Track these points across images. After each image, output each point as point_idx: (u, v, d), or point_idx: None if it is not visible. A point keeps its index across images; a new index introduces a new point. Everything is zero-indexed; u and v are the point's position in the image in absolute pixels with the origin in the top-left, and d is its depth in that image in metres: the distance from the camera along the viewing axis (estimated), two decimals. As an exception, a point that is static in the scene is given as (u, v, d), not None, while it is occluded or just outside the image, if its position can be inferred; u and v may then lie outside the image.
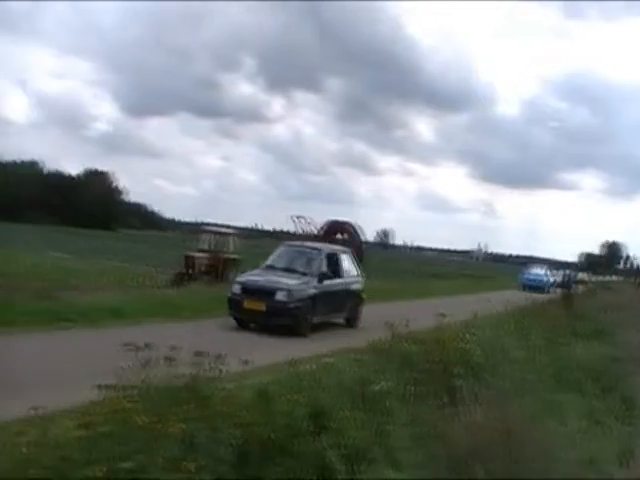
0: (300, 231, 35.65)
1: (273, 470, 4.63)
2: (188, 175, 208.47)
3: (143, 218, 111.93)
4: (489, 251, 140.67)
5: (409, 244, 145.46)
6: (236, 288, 15.46)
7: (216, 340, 10.32)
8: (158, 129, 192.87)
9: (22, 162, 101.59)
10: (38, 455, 4.02)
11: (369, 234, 40.58)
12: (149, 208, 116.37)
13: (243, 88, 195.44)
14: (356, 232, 35.71)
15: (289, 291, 14.88)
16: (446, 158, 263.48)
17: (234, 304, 15.17)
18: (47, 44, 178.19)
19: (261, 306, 14.71)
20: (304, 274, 15.89)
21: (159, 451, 4.09)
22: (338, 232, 35.73)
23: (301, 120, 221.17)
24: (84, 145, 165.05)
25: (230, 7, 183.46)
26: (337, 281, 16.78)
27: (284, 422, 5.03)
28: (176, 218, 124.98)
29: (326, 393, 5.85)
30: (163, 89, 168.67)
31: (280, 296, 14.79)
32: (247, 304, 14.85)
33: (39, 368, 9.13)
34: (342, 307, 16.97)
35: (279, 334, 14.25)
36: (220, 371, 5.51)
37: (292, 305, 14.70)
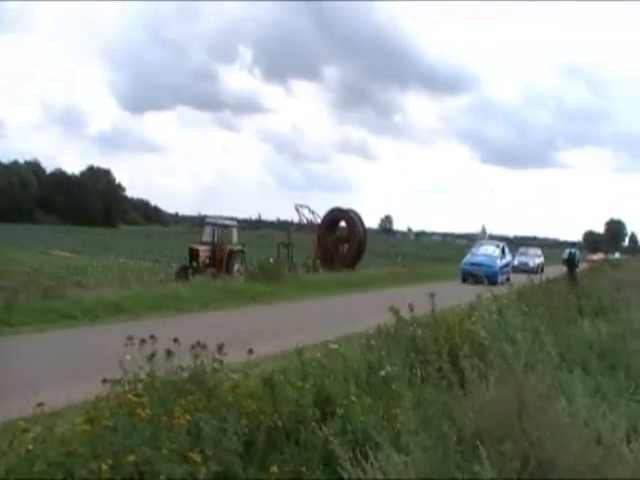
0: (304, 220, 35.58)
1: (279, 458, 4.64)
2: (189, 168, 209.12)
3: (145, 213, 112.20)
4: (492, 233, 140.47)
5: (412, 229, 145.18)
6: None
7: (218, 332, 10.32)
8: (157, 124, 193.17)
9: (25, 162, 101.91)
10: (44, 451, 4.02)
11: (372, 221, 40.37)
12: (151, 203, 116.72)
13: (240, 79, 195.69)
14: (359, 219, 35.65)
15: None
16: (445, 141, 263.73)
17: None
18: (44, 43, 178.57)
19: None
20: None
21: (165, 443, 4.08)
22: (341, 220, 35.68)
23: (299, 109, 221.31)
24: (84, 143, 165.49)
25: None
26: None
27: (290, 410, 5.03)
28: (179, 212, 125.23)
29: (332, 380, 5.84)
30: (160, 83, 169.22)
31: None
32: None
33: (44, 365, 9.16)
34: None
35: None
36: (221, 362, 5.48)
37: None
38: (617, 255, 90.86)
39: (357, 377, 6.27)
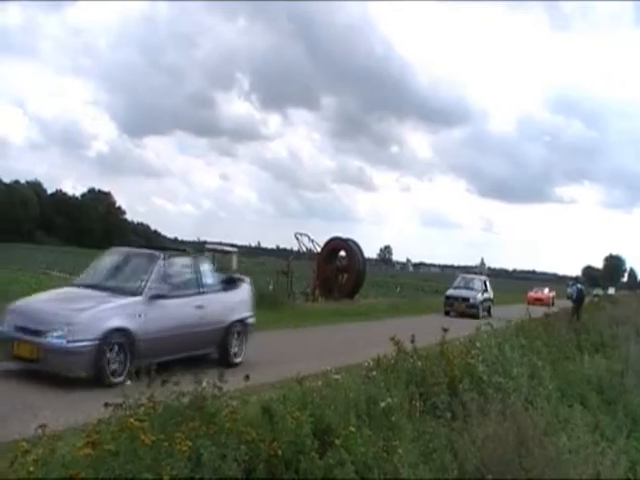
0: (303, 249, 35.56)
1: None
2: (187, 194, 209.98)
3: (146, 237, 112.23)
4: (490, 266, 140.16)
5: (411, 260, 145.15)
6: None
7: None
8: (156, 148, 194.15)
9: (26, 182, 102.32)
10: (46, 474, 4.01)
11: (370, 251, 40.29)
12: (151, 227, 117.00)
13: (238, 106, 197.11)
14: (358, 249, 35.63)
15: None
16: (443, 173, 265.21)
17: None
18: (44, 65, 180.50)
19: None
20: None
21: (166, 469, 4.08)
22: (340, 249, 35.65)
23: (297, 137, 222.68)
24: (84, 165, 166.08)
25: (222, 27, 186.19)
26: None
27: (289, 439, 5.02)
28: (178, 237, 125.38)
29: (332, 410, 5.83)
30: (159, 108, 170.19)
31: None
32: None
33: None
34: None
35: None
36: (221, 389, 5.48)
37: None
38: (611, 291, 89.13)
39: (357, 408, 6.26)
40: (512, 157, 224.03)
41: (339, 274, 34.84)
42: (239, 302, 12.82)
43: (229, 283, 12.95)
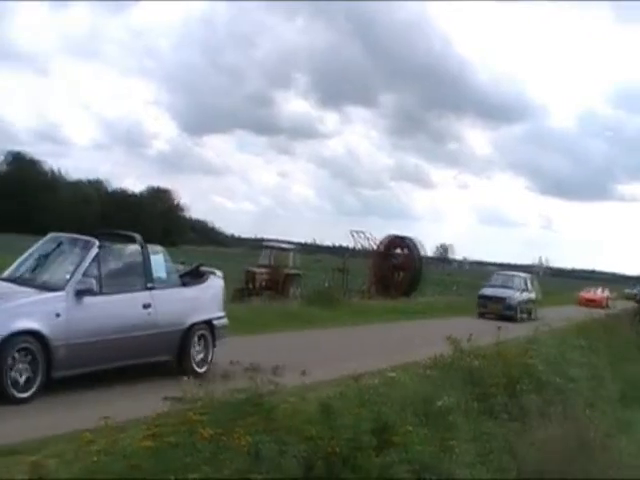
0: (359, 246, 35.54)
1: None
2: (246, 191, 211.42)
3: (204, 234, 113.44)
4: (550, 265, 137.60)
5: (468, 259, 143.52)
6: None
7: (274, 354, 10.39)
8: (216, 146, 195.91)
9: (88, 181, 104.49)
10: (108, 463, 4.11)
11: (427, 248, 39.40)
12: (209, 225, 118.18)
13: (296, 105, 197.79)
14: (415, 247, 35.45)
15: None
16: (501, 170, 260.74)
17: None
18: (108, 66, 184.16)
19: None
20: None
21: (225, 463, 4.13)
22: (397, 247, 35.54)
23: (355, 135, 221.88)
24: (145, 164, 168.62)
25: (281, 27, 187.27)
26: None
27: (347, 436, 5.02)
28: (236, 234, 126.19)
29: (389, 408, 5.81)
30: (219, 107, 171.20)
31: None
32: None
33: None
34: None
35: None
36: (277, 384, 5.51)
37: None
38: None
39: (414, 406, 6.24)
40: (573, 153, 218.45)
41: (395, 272, 34.73)
42: (205, 300, 10.64)
43: (194, 277, 10.90)
